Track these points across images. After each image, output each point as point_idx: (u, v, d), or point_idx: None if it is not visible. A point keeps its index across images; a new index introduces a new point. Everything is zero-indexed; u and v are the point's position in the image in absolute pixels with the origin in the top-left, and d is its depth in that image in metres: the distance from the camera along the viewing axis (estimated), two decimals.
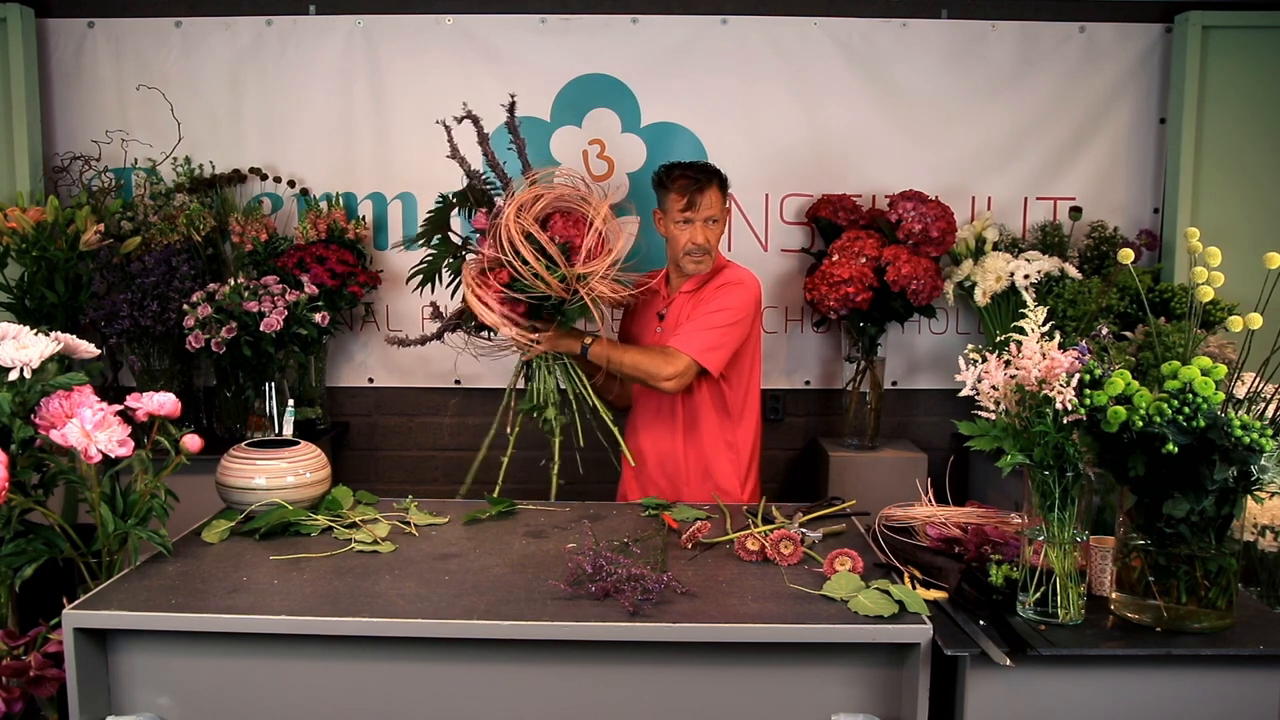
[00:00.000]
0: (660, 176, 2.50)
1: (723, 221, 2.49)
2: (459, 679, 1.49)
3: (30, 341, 1.60)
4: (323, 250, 2.95)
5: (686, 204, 2.42)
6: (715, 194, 2.44)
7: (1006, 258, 2.91)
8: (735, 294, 2.43)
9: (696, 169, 2.45)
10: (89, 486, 1.61)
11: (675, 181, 2.44)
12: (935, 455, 3.09)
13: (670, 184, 2.45)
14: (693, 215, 2.42)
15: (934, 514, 1.93)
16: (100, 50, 3.10)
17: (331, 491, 1.97)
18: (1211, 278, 1.47)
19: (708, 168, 2.47)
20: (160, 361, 2.90)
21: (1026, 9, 3.13)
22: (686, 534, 1.80)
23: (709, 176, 2.44)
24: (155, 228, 2.94)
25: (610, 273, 2.29)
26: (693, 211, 2.42)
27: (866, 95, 3.13)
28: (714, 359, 2.38)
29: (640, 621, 1.44)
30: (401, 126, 3.12)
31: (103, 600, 1.50)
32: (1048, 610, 1.48)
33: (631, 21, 3.11)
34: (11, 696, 1.47)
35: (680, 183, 2.43)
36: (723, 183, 2.48)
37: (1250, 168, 3.09)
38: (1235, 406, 1.44)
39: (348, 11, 3.10)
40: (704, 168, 2.46)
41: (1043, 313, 1.51)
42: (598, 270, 2.25)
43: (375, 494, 2.08)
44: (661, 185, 2.49)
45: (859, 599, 1.48)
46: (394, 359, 3.22)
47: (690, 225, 2.43)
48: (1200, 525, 1.42)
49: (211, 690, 1.50)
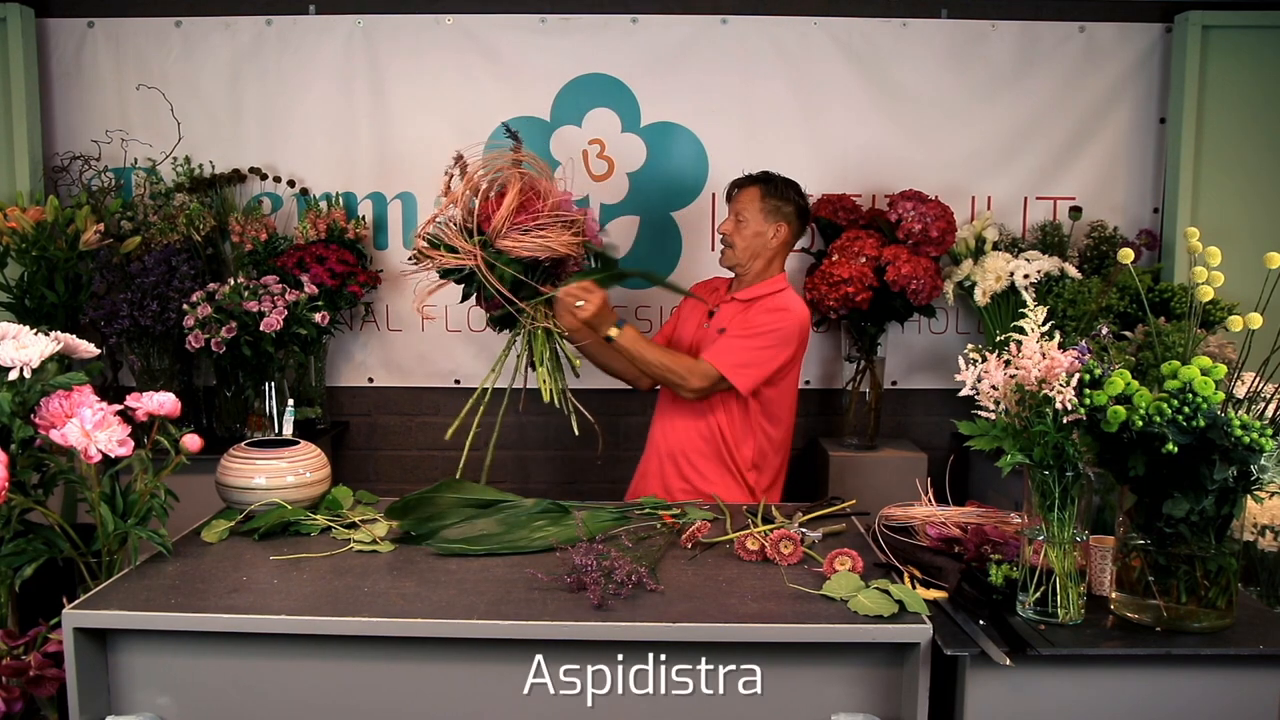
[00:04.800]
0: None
1: (755, 225, 2.48)
2: (459, 679, 1.49)
3: (30, 341, 1.60)
4: (322, 250, 2.95)
5: (727, 195, 2.58)
6: (753, 193, 2.50)
7: (1006, 257, 2.91)
8: (779, 318, 2.42)
9: (758, 173, 2.55)
10: (89, 486, 1.61)
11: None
12: (935, 455, 3.09)
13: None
14: (730, 207, 2.54)
15: (934, 514, 1.93)
16: (100, 50, 3.10)
17: (331, 491, 1.97)
18: (1211, 277, 1.47)
19: (765, 173, 2.55)
20: (160, 361, 2.91)
21: (1026, 9, 3.13)
22: (687, 534, 1.80)
23: (754, 179, 2.53)
24: (155, 227, 2.94)
25: (518, 229, 2.25)
26: (730, 204, 2.55)
27: (866, 95, 3.13)
28: (744, 376, 2.38)
29: (641, 621, 1.44)
30: (402, 126, 3.12)
31: (103, 600, 1.50)
32: (1047, 610, 1.48)
33: (631, 21, 3.11)
34: (11, 696, 1.47)
35: (735, 179, 2.57)
36: (769, 188, 2.50)
37: (1250, 168, 3.08)
38: (1235, 406, 1.44)
39: (348, 11, 3.10)
40: (764, 172, 2.55)
41: (1042, 312, 1.51)
42: (499, 228, 2.23)
43: (375, 494, 2.08)
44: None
45: (859, 599, 1.48)
46: (394, 359, 3.22)
47: (727, 219, 2.54)
48: (1200, 525, 1.42)
49: (211, 690, 1.50)
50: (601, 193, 3.15)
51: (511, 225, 2.25)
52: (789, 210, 2.51)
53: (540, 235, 2.25)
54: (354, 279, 2.97)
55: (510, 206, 2.22)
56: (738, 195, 2.53)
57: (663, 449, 2.55)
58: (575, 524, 1.81)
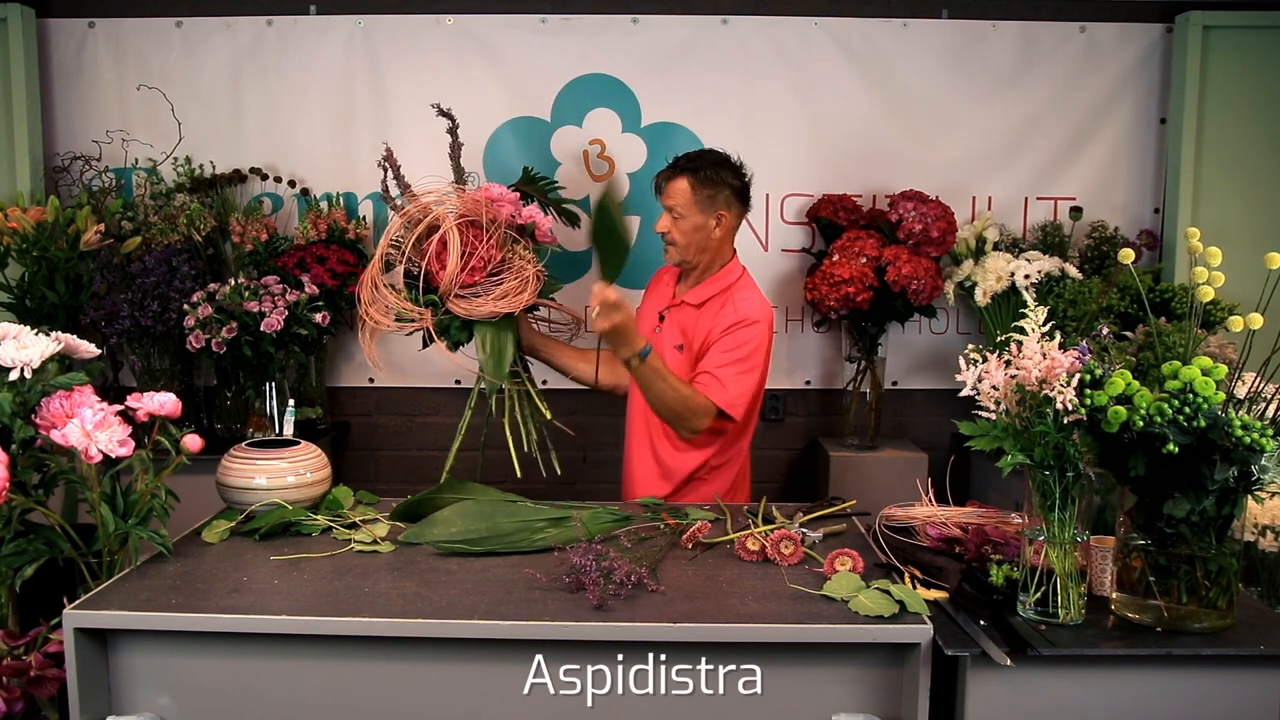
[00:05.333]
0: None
1: (692, 219, 2.31)
2: (459, 679, 1.49)
3: (31, 341, 1.60)
4: (323, 250, 2.95)
5: (655, 189, 2.38)
6: (681, 185, 2.31)
7: (1007, 258, 2.91)
8: (753, 333, 2.29)
9: (682, 158, 2.37)
10: (89, 486, 1.61)
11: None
12: (936, 455, 3.09)
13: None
14: (662, 202, 2.37)
15: (934, 514, 1.93)
16: (101, 50, 3.10)
17: (332, 491, 1.97)
18: (1212, 278, 1.47)
19: (690, 158, 2.35)
20: (161, 361, 2.91)
21: (1027, 9, 3.13)
22: (687, 534, 1.80)
23: (680, 169, 2.33)
24: (156, 228, 2.94)
25: (469, 292, 2.20)
26: (660, 198, 2.37)
27: (867, 95, 3.13)
28: (740, 407, 2.29)
29: (641, 621, 1.44)
30: (402, 127, 3.12)
31: (103, 600, 1.50)
32: (1048, 610, 1.48)
33: (632, 21, 3.11)
34: (12, 696, 1.47)
35: (656, 174, 2.39)
36: (699, 176, 2.30)
37: (1250, 168, 3.08)
38: (1236, 406, 1.44)
39: (348, 11, 3.10)
40: (681, 157, 2.36)
41: (1043, 313, 1.51)
42: (448, 290, 2.17)
43: (376, 494, 2.08)
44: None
45: (859, 599, 1.48)
46: (394, 359, 3.22)
47: (662, 216, 2.37)
48: (1201, 525, 1.42)
49: (212, 690, 1.50)
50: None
51: (461, 286, 2.18)
52: (725, 194, 2.32)
53: (492, 293, 2.18)
54: (354, 279, 2.96)
55: (454, 268, 2.15)
56: (666, 189, 2.33)
57: (636, 445, 2.47)
58: (575, 524, 1.81)
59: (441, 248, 2.18)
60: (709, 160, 2.34)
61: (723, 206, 2.33)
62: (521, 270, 2.24)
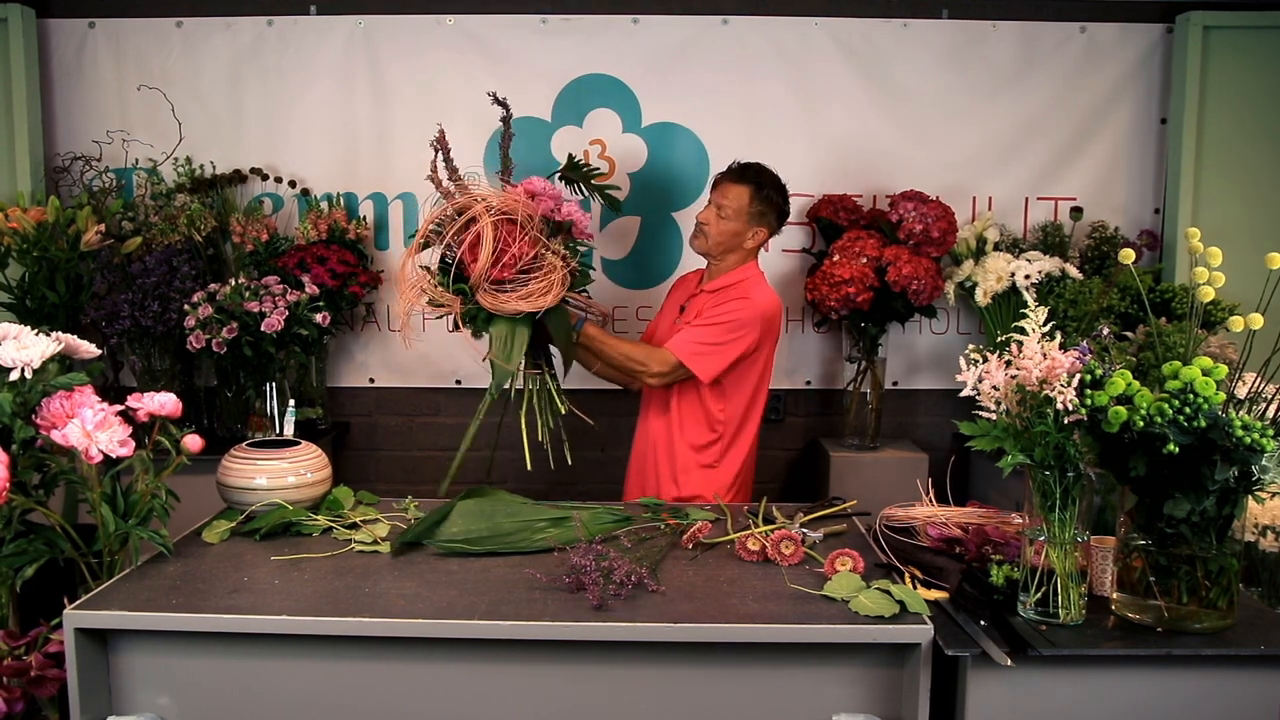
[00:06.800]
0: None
1: (735, 223, 2.47)
2: (459, 679, 1.49)
3: (31, 342, 1.60)
4: (323, 250, 2.95)
5: (712, 186, 2.55)
6: (742, 193, 2.47)
7: (1007, 258, 2.91)
8: (739, 306, 2.43)
9: (744, 166, 2.52)
10: (90, 487, 1.61)
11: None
12: (936, 455, 3.09)
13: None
14: (713, 198, 2.52)
15: (935, 514, 1.93)
16: (101, 50, 3.10)
17: (332, 492, 1.97)
18: (1212, 278, 1.47)
19: (757, 172, 2.50)
20: (161, 362, 2.91)
21: (1027, 9, 3.13)
22: (687, 535, 1.80)
23: (746, 179, 2.49)
24: (156, 228, 2.94)
25: (496, 287, 2.25)
26: (713, 192, 2.53)
27: (867, 95, 3.13)
28: (703, 364, 2.39)
29: (641, 621, 1.44)
30: (402, 127, 3.12)
31: (103, 600, 1.50)
32: (1049, 610, 1.48)
33: (632, 21, 3.11)
34: (12, 696, 1.47)
35: (720, 172, 2.54)
36: (761, 193, 2.48)
37: (1251, 168, 3.08)
38: (1236, 407, 1.44)
39: (348, 12, 3.10)
40: (750, 167, 2.51)
41: (1043, 313, 1.51)
42: (478, 283, 2.23)
43: (376, 494, 2.08)
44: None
45: (860, 599, 1.48)
46: (395, 359, 3.22)
47: (708, 206, 2.52)
48: (1201, 525, 1.42)
49: (212, 690, 1.50)
50: None
51: (490, 281, 2.23)
52: (772, 216, 2.51)
53: (522, 288, 2.24)
54: (355, 279, 2.97)
55: (484, 265, 2.19)
56: (724, 187, 2.50)
57: (640, 445, 2.59)
58: (575, 524, 1.81)
59: (476, 240, 2.22)
60: (771, 181, 2.51)
61: (764, 224, 2.51)
62: (550, 271, 2.27)
